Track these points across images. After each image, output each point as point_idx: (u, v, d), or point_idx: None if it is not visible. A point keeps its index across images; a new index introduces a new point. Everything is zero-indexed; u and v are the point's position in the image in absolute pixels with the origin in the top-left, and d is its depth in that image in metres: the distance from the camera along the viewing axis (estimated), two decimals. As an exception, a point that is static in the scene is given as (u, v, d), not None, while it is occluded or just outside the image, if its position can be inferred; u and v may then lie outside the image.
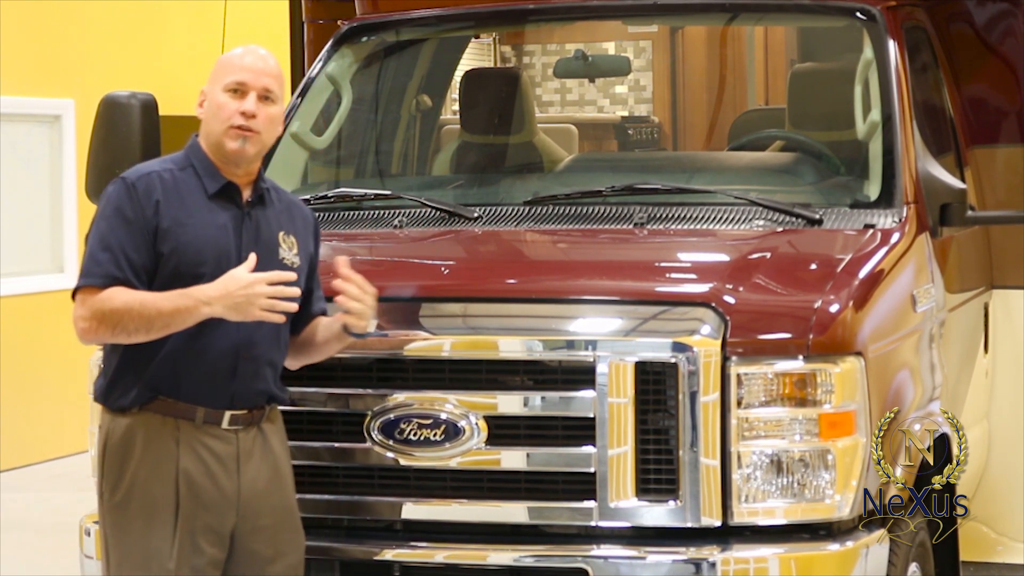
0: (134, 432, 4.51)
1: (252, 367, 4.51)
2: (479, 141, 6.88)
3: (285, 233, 4.62)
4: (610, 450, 4.71)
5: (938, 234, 5.63)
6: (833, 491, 4.71)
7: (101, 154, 5.55)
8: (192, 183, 4.55)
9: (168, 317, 4.40)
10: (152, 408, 4.50)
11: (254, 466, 4.54)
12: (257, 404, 4.55)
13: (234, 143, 4.52)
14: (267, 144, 4.58)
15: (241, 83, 4.54)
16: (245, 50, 4.61)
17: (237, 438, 4.52)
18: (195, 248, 4.47)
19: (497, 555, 4.80)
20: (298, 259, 4.62)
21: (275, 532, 4.58)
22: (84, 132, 6.51)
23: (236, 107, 4.52)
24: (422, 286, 5.13)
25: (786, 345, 4.74)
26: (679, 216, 5.48)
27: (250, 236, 4.55)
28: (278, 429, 4.64)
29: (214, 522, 4.50)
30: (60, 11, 11.21)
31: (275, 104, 4.58)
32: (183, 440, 4.49)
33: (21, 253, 10.90)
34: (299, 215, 4.72)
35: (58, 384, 10.82)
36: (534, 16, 6.85)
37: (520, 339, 4.83)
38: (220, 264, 4.47)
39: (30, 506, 9.73)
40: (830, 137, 6.18)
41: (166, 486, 4.48)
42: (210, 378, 4.48)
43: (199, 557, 4.48)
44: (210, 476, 4.49)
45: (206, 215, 4.51)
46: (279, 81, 4.60)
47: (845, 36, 6.30)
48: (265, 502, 4.55)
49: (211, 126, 4.56)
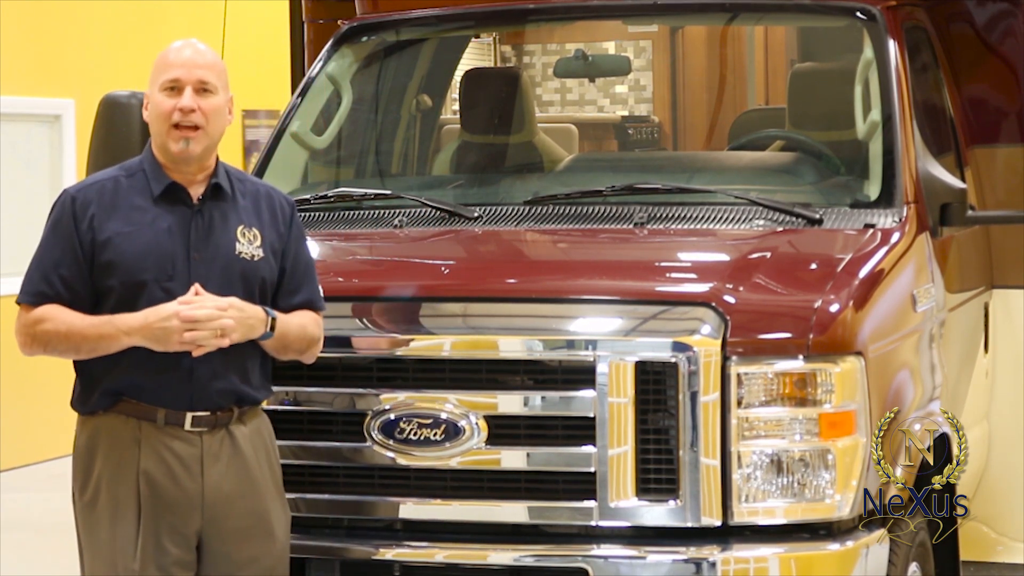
0: (99, 434, 4.53)
1: (210, 369, 4.46)
2: (479, 141, 6.87)
3: (245, 227, 4.55)
4: (610, 450, 4.71)
5: (938, 234, 5.63)
6: (833, 491, 4.71)
7: (101, 154, 5.54)
8: (140, 188, 4.53)
9: (93, 343, 4.43)
10: (116, 410, 4.50)
11: (220, 469, 4.50)
12: (221, 406, 4.51)
13: (177, 145, 4.49)
14: (214, 137, 4.52)
15: (175, 80, 4.50)
16: (179, 45, 4.57)
17: (201, 440, 4.49)
18: (134, 256, 4.44)
19: (497, 555, 4.80)
20: (260, 251, 4.54)
21: (245, 536, 4.54)
22: (84, 132, 6.50)
23: (173, 105, 4.48)
24: (422, 286, 5.13)
25: (786, 345, 4.73)
26: (679, 216, 5.48)
27: (200, 235, 4.50)
28: (253, 432, 4.58)
29: (178, 523, 4.47)
30: (60, 11, 11.21)
31: (214, 95, 4.52)
32: (145, 441, 4.47)
33: (21, 253, 10.83)
34: (268, 205, 4.63)
35: (58, 384, 10.76)
36: (534, 16, 6.85)
37: (520, 339, 4.83)
38: (164, 268, 4.44)
39: (30, 506, 9.73)
40: (830, 137, 6.18)
41: (128, 486, 4.47)
42: (167, 380, 4.45)
43: (164, 557, 4.46)
44: (172, 477, 4.46)
45: (150, 220, 4.48)
46: (215, 70, 4.54)
47: (845, 36, 6.30)
48: (232, 506, 4.51)
49: (154, 128, 4.54)
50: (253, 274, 4.52)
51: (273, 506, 4.60)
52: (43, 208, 12.22)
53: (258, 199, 4.63)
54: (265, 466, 4.60)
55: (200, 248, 4.48)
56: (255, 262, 4.53)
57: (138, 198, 4.51)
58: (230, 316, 4.41)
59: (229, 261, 4.50)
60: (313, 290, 4.67)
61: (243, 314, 4.44)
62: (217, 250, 4.50)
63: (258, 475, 4.57)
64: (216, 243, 4.51)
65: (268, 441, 4.64)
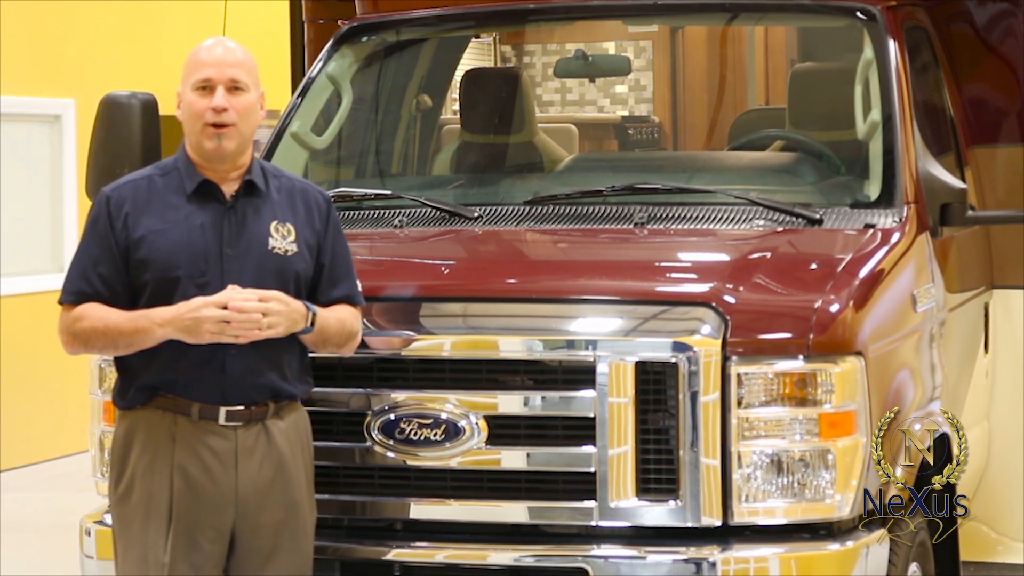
0: (135, 428, 4.57)
1: (244, 363, 4.50)
2: (479, 141, 6.87)
3: (279, 222, 4.59)
4: (610, 450, 4.71)
5: (938, 234, 5.63)
6: (833, 491, 4.71)
7: (101, 154, 5.55)
8: (175, 186, 4.58)
9: (129, 337, 4.49)
10: (153, 405, 4.54)
11: (255, 463, 4.54)
12: (256, 401, 4.54)
13: (210, 142, 4.53)
14: (246, 135, 4.57)
15: (207, 79, 4.54)
16: (210, 44, 4.61)
17: (236, 434, 4.52)
18: (167, 253, 4.49)
19: (497, 555, 4.80)
20: (294, 246, 4.58)
21: (277, 530, 4.57)
22: (84, 132, 6.51)
23: (206, 104, 4.53)
24: (422, 286, 5.13)
25: (786, 345, 4.73)
26: (679, 216, 5.48)
27: (232, 231, 4.54)
28: (290, 427, 4.61)
29: (213, 518, 4.50)
30: (60, 11, 11.21)
31: (246, 92, 4.57)
32: (179, 436, 4.51)
33: (21, 253, 10.89)
34: (303, 200, 4.68)
35: (58, 384, 10.82)
36: (534, 16, 6.85)
37: (520, 339, 4.83)
38: (197, 265, 4.49)
39: (30, 506, 9.73)
40: (830, 137, 6.18)
41: (162, 481, 4.51)
42: (201, 375, 4.49)
43: (196, 552, 4.49)
44: (207, 472, 4.50)
45: (183, 218, 4.53)
46: (246, 68, 4.59)
47: (845, 36, 6.30)
48: (266, 500, 4.55)
49: (188, 127, 4.59)
50: (287, 269, 4.56)
51: (305, 502, 4.65)
52: (43, 208, 12.28)
53: (293, 194, 4.68)
54: (300, 461, 4.64)
55: (233, 244, 4.53)
56: (289, 257, 4.57)
57: (172, 196, 4.57)
58: (274, 309, 4.45)
59: (262, 256, 4.54)
60: (352, 285, 4.72)
61: (288, 308, 4.49)
62: (250, 246, 4.55)
63: (292, 470, 4.60)
64: (249, 239, 4.55)
65: (304, 437, 4.68)
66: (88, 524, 5.18)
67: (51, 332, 11.63)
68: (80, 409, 4.62)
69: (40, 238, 11.13)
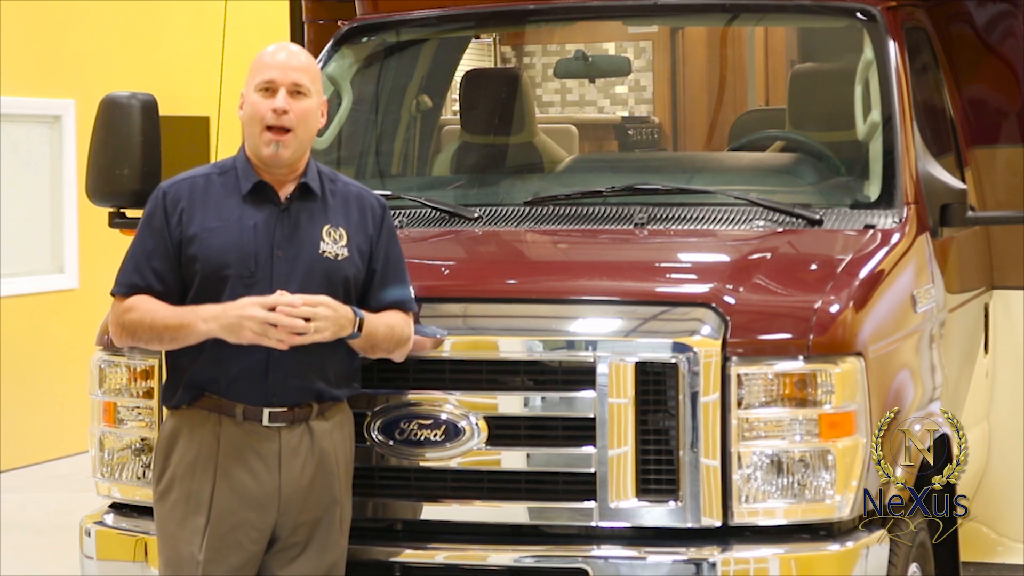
0: (180, 427, 4.63)
1: (287, 365, 4.54)
2: (479, 141, 6.88)
3: (332, 226, 4.65)
4: (610, 450, 4.71)
5: (938, 234, 5.63)
6: (833, 491, 4.71)
7: (101, 155, 5.55)
8: (231, 186, 4.64)
9: (174, 331, 4.54)
10: (198, 405, 4.60)
11: (298, 464, 4.58)
12: (299, 402, 4.58)
13: (268, 149, 4.59)
14: (304, 141, 4.63)
15: (270, 81, 4.60)
16: (275, 48, 4.69)
17: (280, 435, 4.57)
18: (218, 252, 4.54)
19: (497, 555, 4.80)
20: (346, 251, 4.63)
21: (314, 526, 4.62)
22: (84, 132, 6.51)
23: (268, 105, 4.59)
24: (422, 286, 5.12)
25: (786, 345, 4.74)
26: (679, 216, 5.48)
27: (285, 233, 4.59)
28: (335, 427, 4.65)
29: (256, 519, 4.55)
30: (60, 11, 11.22)
31: (308, 98, 4.63)
32: (224, 436, 4.56)
33: (21, 253, 10.90)
34: (358, 206, 4.73)
35: (58, 384, 10.82)
36: (534, 16, 6.85)
37: (520, 339, 4.83)
38: (246, 264, 4.54)
39: (30, 507, 9.73)
40: (830, 137, 6.18)
41: (203, 481, 4.56)
42: (244, 376, 4.54)
43: (238, 553, 4.54)
44: (251, 472, 4.55)
45: (237, 218, 4.59)
46: (310, 74, 4.65)
47: (845, 36, 6.30)
48: (308, 499, 4.60)
49: (248, 128, 4.65)
50: (336, 273, 4.60)
51: (344, 497, 4.69)
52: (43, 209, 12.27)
53: (348, 200, 4.72)
54: (343, 461, 4.68)
55: (284, 246, 4.58)
56: (339, 261, 4.61)
57: (228, 195, 4.62)
58: (322, 315, 4.48)
59: (312, 260, 4.59)
60: (404, 291, 4.76)
61: (336, 313, 4.53)
62: (301, 248, 4.59)
63: (335, 469, 4.65)
64: (300, 242, 4.60)
65: (348, 433, 4.72)
66: (88, 525, 5.18)
67: (51, 332, 11.66)
68: (80, 410, 4.63)
69: (40, 239, 11.13)
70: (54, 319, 10.90)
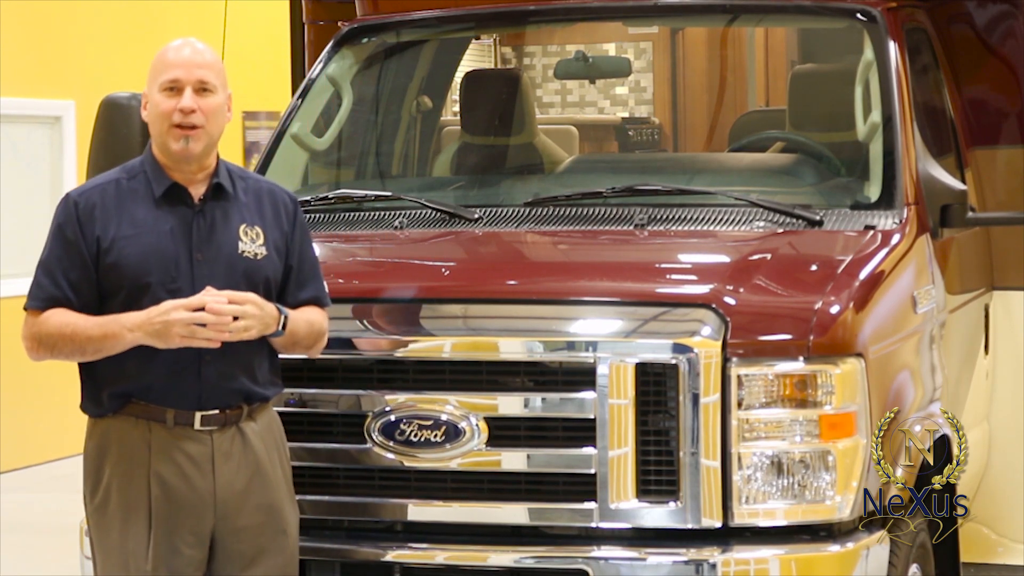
0: (108, 437, 4.54)
1: (218, 367, 4.47)
2: (479, 142, 6.87)
3: (248, 225, 4.56)
4: (611, 451, 4.71)
5: (938, 235, 5.63)
6: (834, 492, 4.71)
7: (101, 156, 5.54)
8: (142, 190, 4.53)
9: (98, 342, 4.45)
10: (125, 412, 4.51)
11: (232, 467, 4.51)
12: (231, 404, 4.51)
13: (177, 144, 4.49)
14: (214, 136, 4.52)
15: (175, 80, 4.50)
16: (178, 44, 4.56)
17: (212, 439, 4.49)
18: (138, 259, 4.45)
19: (497, 556, 4.80)
20: (263, 249, 4.55)
21: (258, 532, 4.54)
22: (84, 133, 6.51)
23: (173, 105, 4.49)
24: (423, 287, 5.13)
25: (787, 346, 4.73)
26: (680, 217, 5.48)
27: (202, 235, 4.50)
28: (263, 428, 4.58)
29: (192, 523, 4.47)
30: (60, 12, 11.22)
31: (214, 94, 4.52)
32: (155, 442, 4.48)
33: (21, 254, 10.89)
34: (270, 202, 4.63)
35: (58, 385, 10.79)
36: (534, 17, 6.85)
37: (521, 340, 4.83)
38: (167, 271, 4.45)
39: (30, 507, 9.73)
40: (831, 138, 6.18)
41: (139, 489, 4.47)
42: (175, 380, 4.46)
43: (177, 558, 4.46)
44: (184, 478, 4.47)
45: (152, 222, 4.49)
46: (214, 70, 4.54)
47: (846, 37, 6.30)
48: (245, 502, 4.52)
49: (154, 128, 4.54)
50: (257, 272, 4.53)
51: (285, 502, 4.61)
52: (43, 209, 12.26)
53: (260, 196, 4.63)
54: (276, 462, 4.61)
55: (203, 248, 4.49)
56: (258, 260, 4.54)
57: (140, 200, 4.52)
58: (249, 312, 4.41)
59: (232, 260, 4.50)
60: (319, 287, 4.68)
61: (262, 311, 4.46)
62: (220, 250, 4.50)
63: (270, 471, 4.58)
64: (219, 243, 4.51)
65: (279, 437, 4.65)
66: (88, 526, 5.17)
67: (51, 333, 11.48)
68: (80, 411, 4.61)
69: (40, 240, 10.97)
70: (54, 320, 10.88)
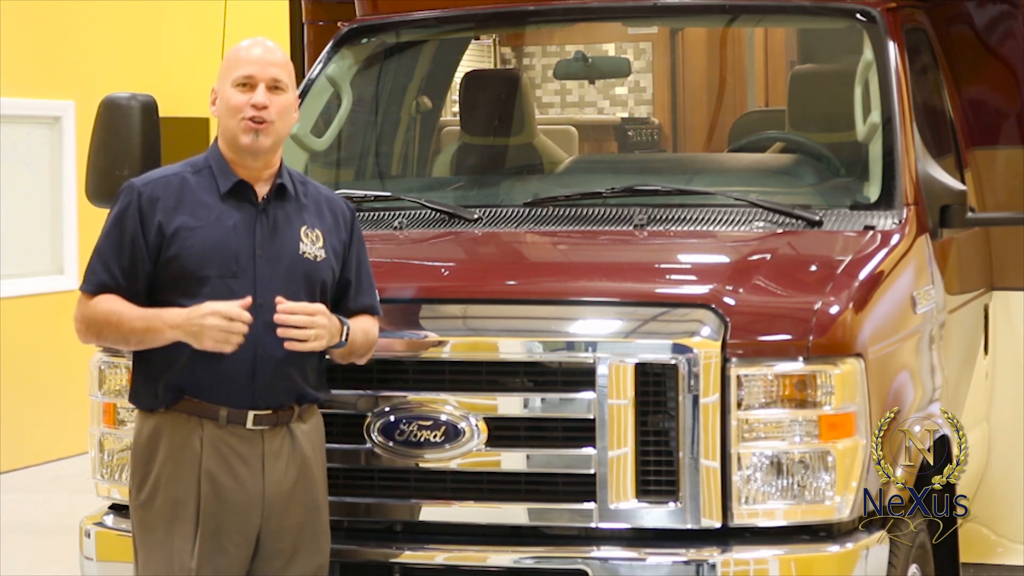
0: (159, 432, 4.57)
1: (272, 367, 4.52)
2: (479, 143, 6.88)
3: (308, 228, 4.63)
4: (610, 451, 4.71)
5: (938, 236, 5.63)
6: (833, 492, 4.71)
7: (101, 156, 5.55)
8: (207, 184, 4.60)
9: (140, 334, 4.50)
10: (178, 408, 4.54)
11: (280, 467, 4.55)
12: (283, 404, 4.56)
13: (247, 137, 4.55)
14: (282, 134, 4.61)
15: (249, 76, 4.58)
16: (250, 43, 4.66)
17: (263, 438, 4.54)
18: (199, 252, 4.50)
19: (497, 556, 4.80)
20: (323, 252, 4.62)
21: (298, 531, 4.59)
22: (84, 134, 6.51)
23: (246, 100, 4.56)
24: (422, 287, 5.13)
25: (786, 347, 4.74)
26: (679, 218, 5.48)
27: (265, 233, 4.57)
28: (311, 430, 4.64)
29: (239, 523, 4.51)
30: (60, 12, 11.22)
31: (285, 93, 4.62)
32: (207, 440, 4.52)
33: (21, 255, 10.90)
34: (330, 209, 4.72)
35: (58, 385, 10.82)
36: (534, 18, 6.85)
37: (520, 340, 4.83)
38: (228, 265, 4.51)
39: (30, 508, 9.73)
40: (830, 139, 6.18)
41: (188, 486, 4.51)
42: (230, 379, 4.50)
43: (223, 557, 4.50)
44: (234, 477, 4.51)
45: (216, 217, 4.55)
46: (287, 70, 4.64)
47: (845, 38, 6.30)
48: (291, 502, 4.57)
49: (225, 122, 4.61)
50: (315, 274, 4.59)
51: (324, 502, 4.67)
52: (43, 210, 12.27)
53: (320, 203, 4.71)
54: (320, 463, 4.66)
55: (265, 246, 4.55)
56: (317, 263, 4.61)
57: (205, 194, 4.58)
58: (320, 323, 4.49)
59: (293, 260, 4.57)
60: (373, 296, 4.76)
61: (331, 323, 4.53)
62: (282, 249, 4.57)
63: (315, 472, 4.63)
64: (281, 242, 4.58)
65: (322, 441, 4.70)
66: (88, 526, 5.18)
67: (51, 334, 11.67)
68: (80, 411, 4.62)
69: (40, 240, 11.13)
70: (54, 320, 10.88)
